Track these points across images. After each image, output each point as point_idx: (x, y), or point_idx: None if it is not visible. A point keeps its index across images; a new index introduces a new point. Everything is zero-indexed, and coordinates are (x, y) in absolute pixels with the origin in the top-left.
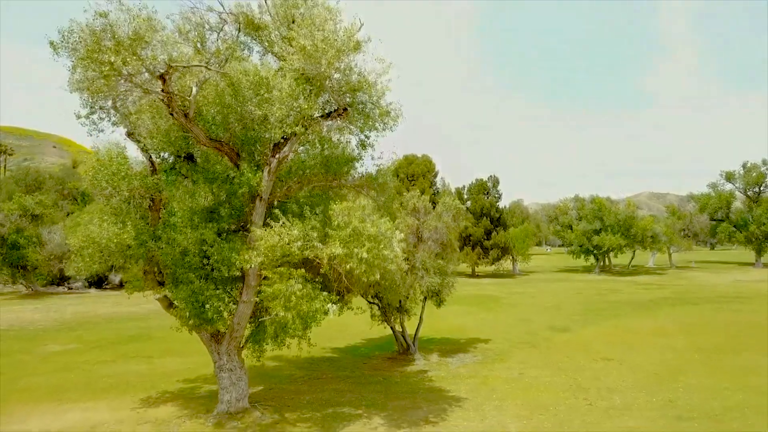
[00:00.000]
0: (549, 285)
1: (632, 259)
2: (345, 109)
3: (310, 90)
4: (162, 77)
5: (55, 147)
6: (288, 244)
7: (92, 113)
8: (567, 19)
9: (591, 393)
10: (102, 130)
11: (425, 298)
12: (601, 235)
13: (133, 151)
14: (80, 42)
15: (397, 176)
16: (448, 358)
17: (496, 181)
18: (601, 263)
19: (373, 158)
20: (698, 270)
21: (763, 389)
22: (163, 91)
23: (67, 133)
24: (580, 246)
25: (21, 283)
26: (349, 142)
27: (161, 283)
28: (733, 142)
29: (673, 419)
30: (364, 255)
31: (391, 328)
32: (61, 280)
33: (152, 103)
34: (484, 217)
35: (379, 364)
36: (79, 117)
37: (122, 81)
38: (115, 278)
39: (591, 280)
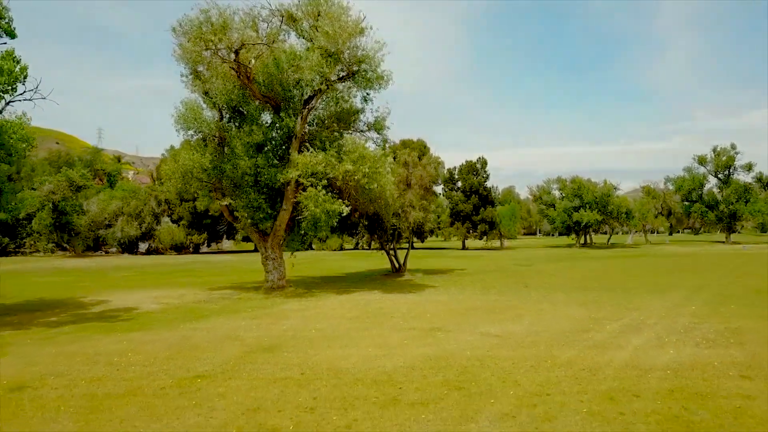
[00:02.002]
0: (529, 252)
1: (610, 236)
2: (353, 74)
3: (330, 61)
4: (236, 51)
5: (58, 143)
6: (315, 164)
7: (190, 74)
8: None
9: (531, 285)
10: (194, 86)
11: (412, 229)
12: (581, 211)
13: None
14: (191, 28)
15: (394, 158)
16: (430, 275)
17: (484, 163)
18: (582, 240)
19: (372, 111)
20: (670, 245)
21: (638, 276)
22: (235, 60)
23: (70, 130)
24: (562, 222)
25: (65, 246)
26: (355, 97)
27: (224, 195)
28: (728, 139)
29: (578, 288)
30: (366, 170)
31: (386, 251)
32: (96, 246)
33: (222, 71)
34: (473, 195)
35: (377, 277)
36: (182, 75)
37: (209, 53)
38: (143, 246)
39: (568, 250)
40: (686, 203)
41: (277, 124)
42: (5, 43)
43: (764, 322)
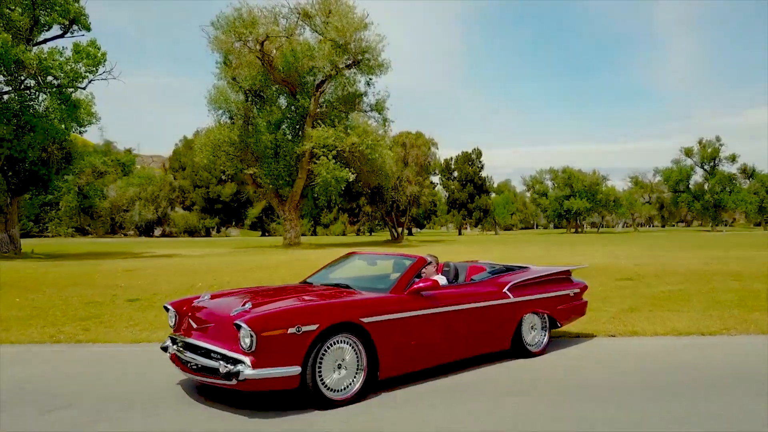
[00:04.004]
0: (520, 236)
1: (600, 224)
2: (358, 62)
3: (339, 51)
4: (262, 43)
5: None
6: (326, 138)
7: (223, 62)
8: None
9: (509, 243)
10: (224, 72)
11: (410, 202)
12: (571, 200)
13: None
14: (226, 23)
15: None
16: (426, 242)
17: (479, 153)
18: (573, 229)
19: (374, 94)
20: (658, 232)
21: (604, 241)
22: (260, 50)
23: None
24: (554, 211)
25: (87, 230)
26: (359, 82)
27: (249, 165)
28: (729, 137)
29: (548, 244)
30: (369, 142)
31: (385, 222)
32: (114, 230)
33: (248, 60)
34: (469, 184)
35: (379, 243)
36: (217, 63)
37: (240, 44)
38: (158, 231)
39: (558, 235)
40: (674, 194)
41: (293, 106)
42: (83, 35)
43: (680, 253)
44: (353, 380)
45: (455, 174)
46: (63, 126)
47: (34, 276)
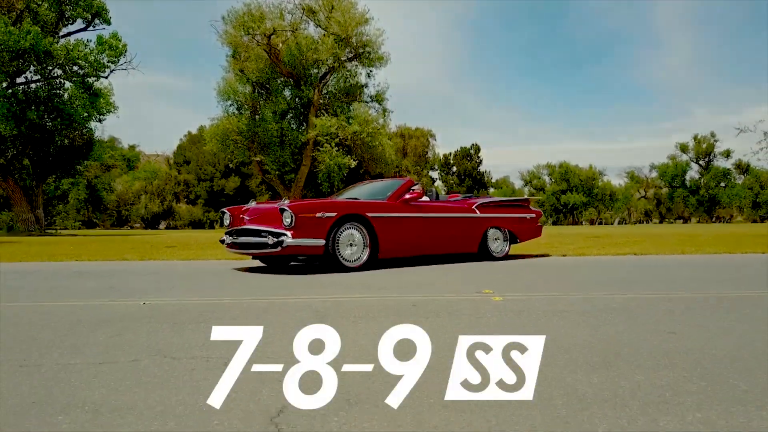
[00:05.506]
0: None
1: (597, 219)
2: (359, 55)
3: (341, 45)
4: (269, 37)
5: None
6: (329, 126)
7: (232, 55)
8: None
9: None
10: (233, 65)
11: None
12: (568, 194)
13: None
14: (236, 18)
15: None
16: None
17: (477, 149)
18: (570, 224)
19: (374, 86)
20: (650, 226)
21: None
22: (267, 44)
23: None
24: (551, 206)
25: (95, 222)
26: (360, 75)
27: (256, 153)
28: (729, 136)
29: None
30: (370, 130)
31: None
32: (120, 223)
33: (255, 53)
34: (467, 178)
35: None
36: (227, 56)
37: (248, 38)
38: (163, 224)
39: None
40: (670, 189)
41: (297, 96)
42: (104, 29)
43: (656, 229)
44: (361, 254)
45: (454, 169)
46: (85, 113)
47: (73, 240)
